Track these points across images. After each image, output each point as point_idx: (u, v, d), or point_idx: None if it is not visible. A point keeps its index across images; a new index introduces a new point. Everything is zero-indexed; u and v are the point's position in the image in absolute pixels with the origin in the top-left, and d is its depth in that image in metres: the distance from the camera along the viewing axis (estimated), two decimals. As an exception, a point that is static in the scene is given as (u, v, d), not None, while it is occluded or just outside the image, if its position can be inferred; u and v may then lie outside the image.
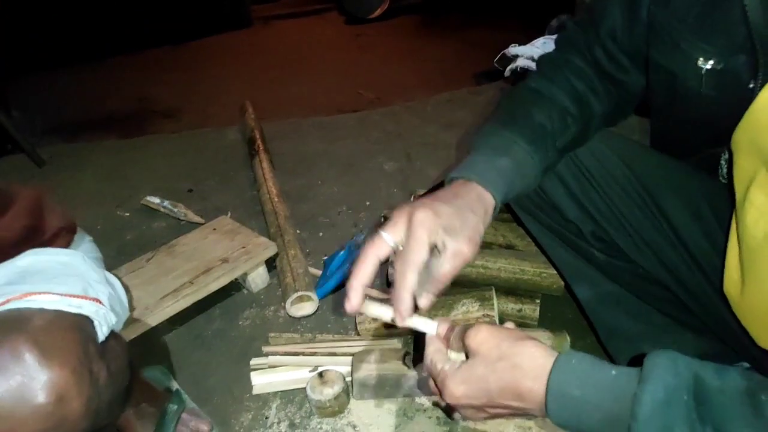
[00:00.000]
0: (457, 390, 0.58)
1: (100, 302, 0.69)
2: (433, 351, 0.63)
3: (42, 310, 0.61)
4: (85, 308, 0.66)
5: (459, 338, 0.61)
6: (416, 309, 0.63)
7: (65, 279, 0.67)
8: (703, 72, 0.68)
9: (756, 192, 0.60)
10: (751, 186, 0.60)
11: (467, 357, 0.61)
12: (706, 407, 0.45)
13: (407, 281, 0.60)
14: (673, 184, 0.83)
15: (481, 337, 0.58)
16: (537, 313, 1.17)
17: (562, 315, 1.22)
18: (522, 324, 1.17)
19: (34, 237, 0.74)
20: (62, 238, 0.79)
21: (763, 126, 0.58)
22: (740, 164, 0.63)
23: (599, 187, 0.87)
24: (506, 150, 0.74)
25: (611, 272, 0.95)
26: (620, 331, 1.00)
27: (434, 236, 0.61)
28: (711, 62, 0.67)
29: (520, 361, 0.55)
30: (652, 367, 0.49)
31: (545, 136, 0.76)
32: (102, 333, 0.69)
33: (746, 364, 0.86)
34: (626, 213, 0.86)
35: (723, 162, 0.78)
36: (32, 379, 0.55)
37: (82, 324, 0.65)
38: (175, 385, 1.10)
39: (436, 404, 1.05)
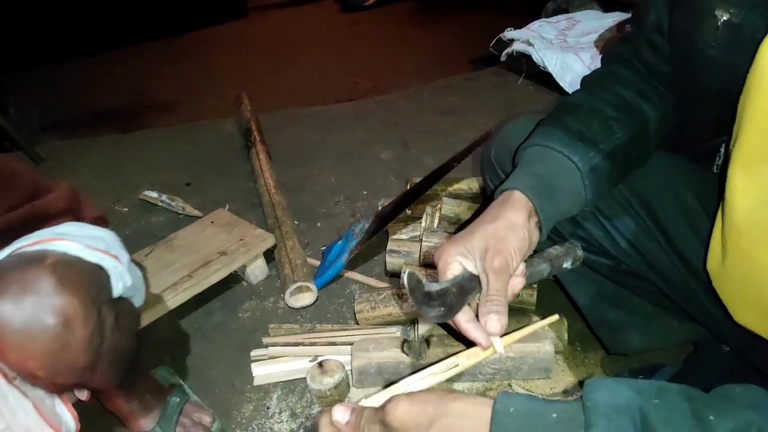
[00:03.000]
0: None
1: (119, 260, 0.76)
2: None
3: (65, 253, 0.69)
4: (105, 262, 0.73)
5: (373, 420, 0.52)
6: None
7: (93, 240, 0.74)
8: (719, 24, 0.65)
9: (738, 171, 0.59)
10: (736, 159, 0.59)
11: None
12: None
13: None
14: (657, 178, 0.83)
15: (403, 408, 0.50)
16: (534, 298, 1.17)
17: (559, 299, 1.23)
18: (520, 309, 1.17)
19: (72, 220, 0.82)
20: (98, 225, 0.85)
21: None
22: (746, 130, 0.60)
23: None
24: (541, 158, 0.74)
25: (593, 267, 0.95)
26: (606, 321, 1.00)
27: (456, 266, 0.64)
28: (728, 14, 0.64)
29: (454, 422, 0.49)
30: (593, 407, 0.45)
31: (583, 139, 0.74)
32: (117, 289, 0.75)
33: (726, 347, 0.87)
34: (607, 212, 0.86)
35: (723, 150, 0.77)
36: (45, 302, 0.63)
37: (99, 273, 0.72)
38: (179, 381, 1.12)
39: None
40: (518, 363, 1.05)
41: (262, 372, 1.14)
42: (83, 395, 0.92)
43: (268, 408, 1.09)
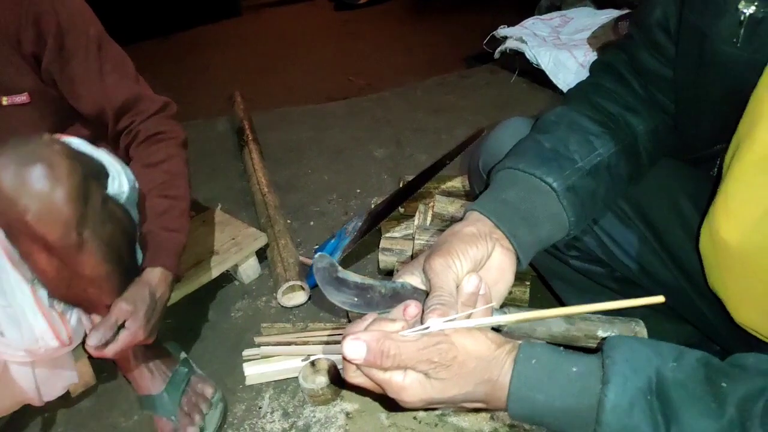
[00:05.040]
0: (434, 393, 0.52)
1: (120, 166, 0.89)
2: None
3: (68, 142, 0.80)
4: (104, 158, 0.87)
5: (430, 346, 0.54)
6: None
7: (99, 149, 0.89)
8: (742, 19, 0.60)
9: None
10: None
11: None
12: (669, 405, 0.45)
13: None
14: (651, 183, 0.81)
15: (480, 342, 0.53)
16: (527, 295, 1.17)
17: (552, 296, 1.22)
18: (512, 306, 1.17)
19: None
20: None
21: None
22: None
23: None
24: (512, 183, 0.69)
25: (586, 274, 0.93)
26: None
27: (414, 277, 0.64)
28: (753, 7, 0.59)
29: (484, 365, 0.52)
30: (612, 365, 0.48)
31: (558, 159, 0.70)
32: (112, 186, 0.87)
33: (718, 347, 0.87)
34: (600, 221, 0.85)
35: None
36: (36, 152, 0.73)
37: (94, 161, 0.85)
38: (184, 355, 1.14)
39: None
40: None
41: (254, 372, 1.13)
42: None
43: (260, 408, 1.09)
